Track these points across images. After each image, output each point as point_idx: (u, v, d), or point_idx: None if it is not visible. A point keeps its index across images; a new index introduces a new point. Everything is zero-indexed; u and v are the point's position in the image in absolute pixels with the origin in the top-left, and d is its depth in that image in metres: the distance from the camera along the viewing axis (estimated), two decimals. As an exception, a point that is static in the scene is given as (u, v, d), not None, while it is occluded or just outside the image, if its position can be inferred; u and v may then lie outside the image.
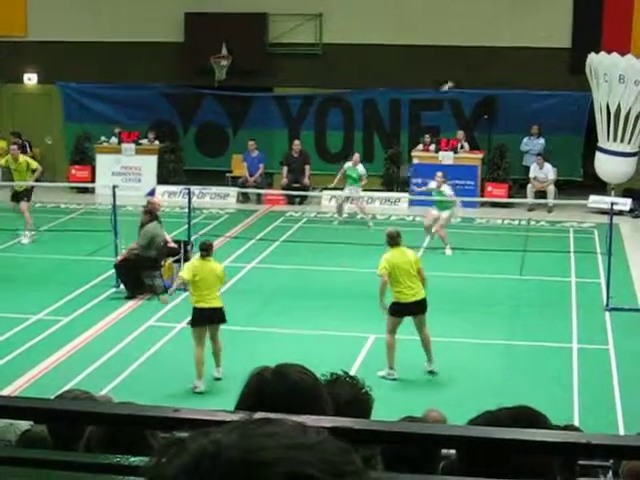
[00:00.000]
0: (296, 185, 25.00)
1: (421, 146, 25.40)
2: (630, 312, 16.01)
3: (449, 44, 25.10)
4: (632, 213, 22.93)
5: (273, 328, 14.99)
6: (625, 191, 23.37)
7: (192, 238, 17.82)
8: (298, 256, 19.43)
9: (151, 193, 25.06)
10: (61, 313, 15.73)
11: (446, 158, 24.54)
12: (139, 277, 16.83)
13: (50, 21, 26.86)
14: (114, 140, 26.51)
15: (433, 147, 25.16)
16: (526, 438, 2.38)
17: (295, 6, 25.93)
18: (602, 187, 23.75)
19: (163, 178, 26.03)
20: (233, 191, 25.24)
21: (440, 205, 20.22)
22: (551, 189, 24.37)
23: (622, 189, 23.56)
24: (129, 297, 16.66)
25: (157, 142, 26.49)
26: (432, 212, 20.33)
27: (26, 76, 27.76)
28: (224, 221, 23.04)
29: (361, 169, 22.89)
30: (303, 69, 26.12)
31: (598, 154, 23.84)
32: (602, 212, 21.00)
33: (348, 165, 23.02)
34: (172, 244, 17.41)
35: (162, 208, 19.21)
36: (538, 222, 23.23)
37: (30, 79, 27.85)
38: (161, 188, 25.43)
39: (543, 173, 24.44)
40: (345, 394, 3.56)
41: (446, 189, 20.23)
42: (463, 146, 25.13)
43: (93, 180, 26.09)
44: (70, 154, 27.03)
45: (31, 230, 20.61)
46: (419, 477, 2.86)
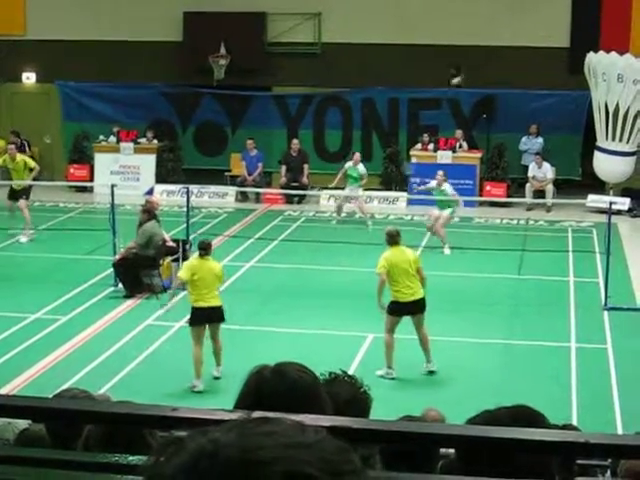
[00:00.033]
0: (295, 184, 24.99)
1: (419, 145, 25.39)
2: (628, 311, 16.01)
3: (448, 43, 25.09)
4: (630, 212, 22.91)
5: (272, 327, 14.99)
6: (624, 190, 23.36)
7: (191, 237, 17.83)
8: (297, 255, 19.43)
9: (150, 192, 25.06)
10: (59, 312, 15.72)
11: (444, 157, 24.53)
12: (137, 276, 16.84)
13: (49, 20, 26.84)
14: (113, 139, 26.50)
15: (432, 146, 25.14)
16: (524, 437, 2.39)
17: (294, 5, 25.92)
18: (601, 186, 23.74)
19: (162, 177, 26.02)
20: (232, 190, 25.23)
21: (441, 204, 20.21)
22: (550, 188, 24.37)
23: (621, 188, 23.55)
24: (127, 296, 16.66)
25: (156, 141, 26.49)
26: (434, 212, 20.32)
27: (25, 75, 27.73)
28: (223, 220, 23.03)
29: (362, 168, 22.86)
30: (302, 68, 26.11)
31: (597, 153, 23.83)
32: (601, 211, 20.99)
33: (349, 165, 22.99)
34: (170, 243, 17.40)
35: (161, 207, 19.22)
36: (537, 221, 23.23)
37: (29, 78, 27.82)
38: (160, 187, 25.42)
39: (542, 172, 24.44)
40: (344, 393, 3.55)
41: (447, 187, 20.21)
42: (462, 145, 25.12)
43: (92, 179, 26.07)
44: (69, 153, 27.02)
45: (30, 229, 20.62)
46: (418, 476, 2.86)
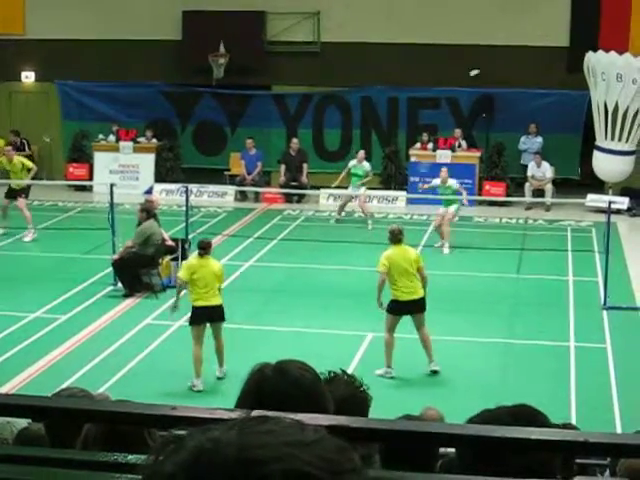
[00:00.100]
0: (294, 183, 24.98)
1: (419, 144, 25.39)
2: (627, 311, 16.02)
3: (447, 43, 25.09)
4: (630, 212, 22.91)
5: (271, 326, 14.99)
6: (623, 190, 23.34)
7: (190, 236, 17.82)
8: (296, 254, 19.42)
9: (149, 191, 25.07)
10: (59, 311, 15.72)
11: (444, 156, 24.52)
12: (137, 275, 16.83)
13: (48, 19, 26.82)
14: (112, 138, 26.49)
15: (431, 145, 25.15)
16: (524, 436, 2.38)
17: (293, 4, 25.91)
18: (600, 186, 23.73)
19: (161, 176, 26.01)
20: (231, 189, 25.23)
21: (446, 202, 20.23)
22: (549, 188, 24.37)
23: (620, 188, 23.54)
24: (127, 295, 16.65)
25: (155, 140, 26.48)
26: (439, 210, 20.35)
27: (24, 74, 27.71)
28: (222, 219, 23.02)
29: (367, 166, 22.88)
30: (301, 67, 26.10)
31: (596, 153, 23.83)
32: (600, 211, 20.99)
33: (353, 163, 22.97)
34: (169, 242, 17.40)
35: (160, 206, 19.22)
36: (536, 221, 23.23)
37: (28, 77, 27.81)
38: (159, 186, 25.41)
39: (541, 172, 24.44)
40: (343, 392, 3.55)
41: (453, 183, 20.32)
42: (461, 144, 25.11)
43: (91, 178, 26.06)
44: (68, 152, 27.01)
45: (31, 227, 20.55)
46: (417, 475, 2.86)
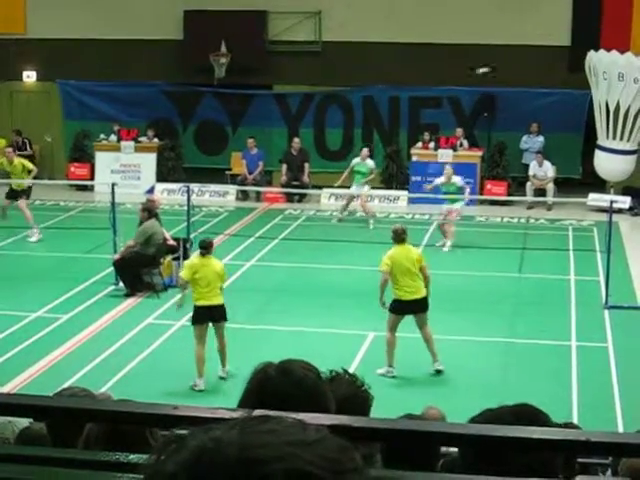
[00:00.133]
0: (295, 183, 24.97)
1: (420, 144, 25.39)
2: (629, 310, 16.02)
3: (448, 42, 25.08)
4: (631, 211, 22.90)
5: (272, 326, 14.99)
6: (624, 189, 23.32)
7: (191, 236, 17.82)
8: (297, 254, 19.42)
9: (150, 191, 25.08)
10: (60, 311, 15.72)
11: (445, 156, 24.51)
12: (138, 275, 16.83)
13: (49, 18, 26.82)
14: (113, 138, 26.50)
15: (432, 145, 25.14)
16: (526, 436, 2.38)
17: (294, 4, 25.91)
18: (601, 185, 23.72)
19: (162, 176, 26.02)
20: (232, 189, 25.23)
21: (451, 199, 20.24)
22: (550, 187, 24.36)
23: (621, 187, 23.52)
24: (128, 295, 16.65)
25: (156, 140, 26.48)
26: (443, 208, 20.37)
27: (25, 74, 27.72)
28: (223, 219, 23.03)
29: (370, 163, 22.89)
30: (302, 67, 26.09)
31: (597, 152, 23.82)
32: (601, 210, 20.98)
33: (356, 161, 22.95)
34: (171, 241, 17.40)
35: (161, 206, 19.22)
36: (537, 220, 23.22)
37: (29, 77, 27.81)
38: (160, 186, 25.41)
39: (542, 171, 24.43)
40: (345, 392, 3.55)
41: (458, 180, 20.36)
42: (462, 144, 25.10)
43: (92, 178, 26.07)
44: (69, 152, 27.02)
45: (34, 227, 20.52)
46: (419, 474, 2.86)
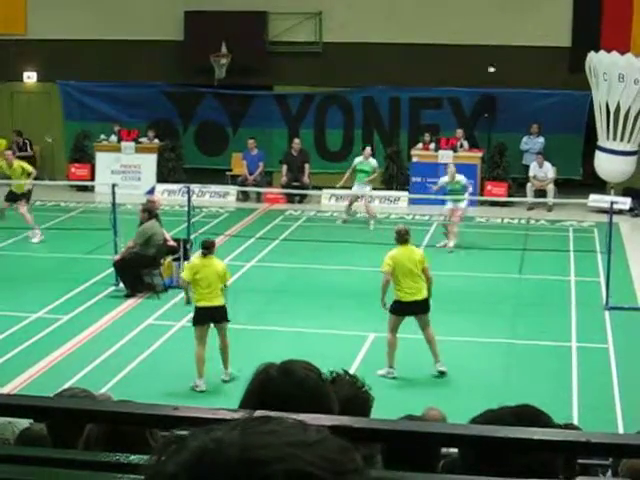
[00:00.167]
0: (296, 184, 24.97)
1: (421, 145, 25.39)
2: (629, 311, 16.01)
3: (449, 43, 25.08)
4: (632, 212, 22.91)
5: (273, 327, 14.99)
6: (625, 190, 23.34)
7: (192, 236, 17.82)
8: (298, 255, 19.42)
9: (151, 191, 25.08)
10: (60, 311, 15.72)
11: (445, 157, 24.51)
12: (138, 275, 16.83)
13: (50, 19, 26.82)
14: (114, 138, 26.50)
15: (433, 146, 25.14)
16: (526, 437, 2.38)
17: (295, 5, 25.92)
18: (602, 186, 23.72)
19: (163, 176, 26.02)
20: (233, 189, 25.24)
21: (454, 199, 20.25)
22: (551, 188, 24.35)
23: (622, 188, 23.53)
24: (128, 295, 16.65)
25: (157, 140, 26.49)
26: (448, 207, 20.38)
27: (26, 74, 27.72)
28: (224, 219, 23.03)
29: (373, 162, 22.91)
30: (303, 68, 26.10)
31: (598, 153, 23.83)
32: (602, 211, 20.98)
33: (359, 160, 22.93)
34: (171, 242, 17.40)
35: (162, 206, 19.22)
36: (538, 221, 23.22)
37: (30, 77, 27.82)
38: (161, 186, 25.43)
39: (543, 172, 24.43)
40: (345, 393, 3.55)
41: (461, 177, 20.40)
42: (462, 145, 25.11)
43: (93, 178, 26.07)
44: (70, 152, 27.02)
45: (35, 228, 20.49)
46: (419, 475, 2.86)
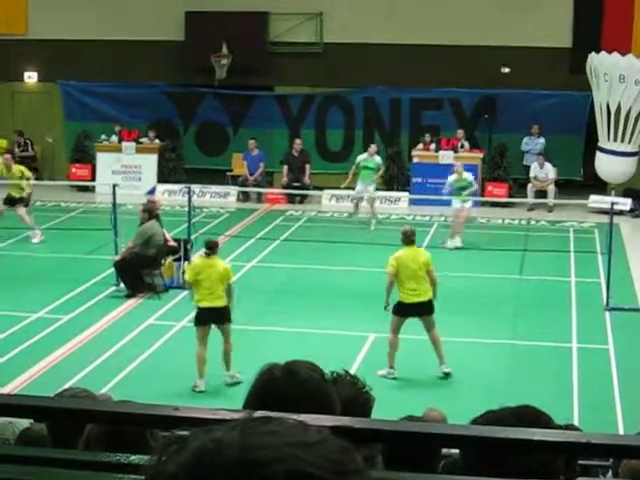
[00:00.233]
0: (296, 184, 24.98)
1: (421, 145, 25.40)
2: (630, 312, 16.01)
3: (449, 43, 25.08)
4: (632, 213, 22.92)
5: (273, 327, 14.99)
6: (625, 191, 23.36)
7: (192, 237, 17.82)
8: (298, 255, 19.42)
9: (151, 192, 25.08)
10: (61, 311, 15.72)
11: (446, 157, 24.51)
12: (139, 275, 16.83)
13: (51, 19, 26.83)
14: (114, 139, 26.50)
15: (433, 146, 25.15)
16: (526, 437, 2.38)
17: (295, 5, 25.92)
18: (602, 187, 23.73)
19: (163, 177, 26.02)
20: (233, 190, 25.24)
21: (462, 198, 20.26)
22: (551, 189, 24.35)
23: (622, 189, 23.55)
24: (129, 296, 16.65)
25: (157, 141, 26.48)
26: (455, 207, 20.39)
27: (26, 74, 27.73)
28: (224, 220, 23.03)
29: (378, 159, 22.94)
30: (303, 68, 26.10)
31: (598, 154, 23.83)
32: (602, 212, 20.99)
33: (363, 157, 22.90)
34: (172, 242, 17.39)
35: (162, 207, 19.22)
36: (538, 222, 23.22)
37: (30, 77, 27.82)
38: (161, 187, 25.43)
39: (543, 173, 24.42)
40: (346, 393, 3.54)
41: (468, 175, 20.44)
42: (463, 145, 25.11)
43: (93, 179, 26.08)
44: (70, 152, 27.02)
45: (36, 228, 20.48)
46: (420, 476, 2.86)
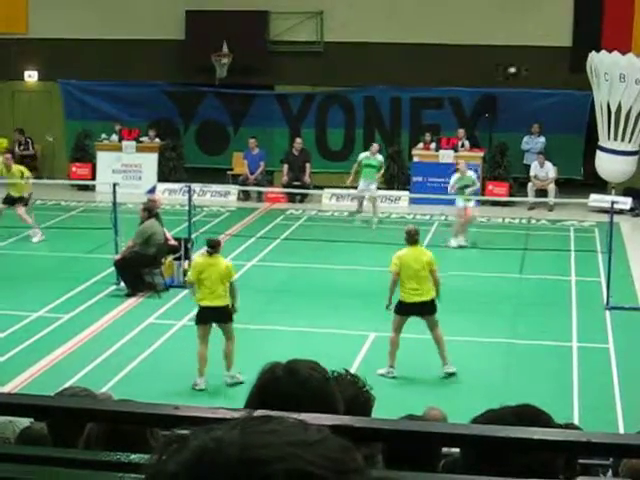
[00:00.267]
0: (297, 183, 24.97)
1: (422, 144, 25.39)
2: (630, 311, 16.00)
3: (450, 42, 25.08)
4: (632, 212, 22.91)
5: (274, 326, 14.98)
6: (625, 190, 23.34)
7: (192, 236, 17.82)
8: (299, 254, 19.41)
9: (152, 191, 25.07)
10: (61, 310, 15.72)
11: (446, 156, 24.52)
12: (139, 274, 16.83)
13: (51, 18, 26.83)
14: (115, 138, 26.49)
15: (434, 145, 25.14)
16: (526, 436, 2.38)
17: (296, 4, 25.91)
18: (603, 186, 23.72)
19: (164, 176, 26.02)
20: (234, 189, 25.24)
21: (467, 198, 20.26)
22: (552, 188, 24.34)
23: (623, 188, 23.53)
24: (129, 295, 16.65)
25: (158, 140, 26.48)
26: (458, 206, 20.39)
27: (27, 73, 27.73)
28: (225, 219, 23.02)
29: (380, 158, 22.96)
30: (304, 67, 26.10)
31: (599, 153, 23.83)
32: (603, 211, 20.98)
33: (365, 155, 22.88)
34: (172, 241, 17.39)
35: (162, 206, 19.21)
36: (539, 221, 23.22)
37: (31, 76, 27.82)
38: (162, 186, 25.42)
39: (544, 172, 24.42)
40: (346, 392, 3.54)
41: (471, 173, 20.49)
42: (464, 144, 25.11)
43: (94, 178, 26.08)
44: (71, 151, 27.02)
45: (35, 227, 20.48)
46: (420, 475, 2.86)
